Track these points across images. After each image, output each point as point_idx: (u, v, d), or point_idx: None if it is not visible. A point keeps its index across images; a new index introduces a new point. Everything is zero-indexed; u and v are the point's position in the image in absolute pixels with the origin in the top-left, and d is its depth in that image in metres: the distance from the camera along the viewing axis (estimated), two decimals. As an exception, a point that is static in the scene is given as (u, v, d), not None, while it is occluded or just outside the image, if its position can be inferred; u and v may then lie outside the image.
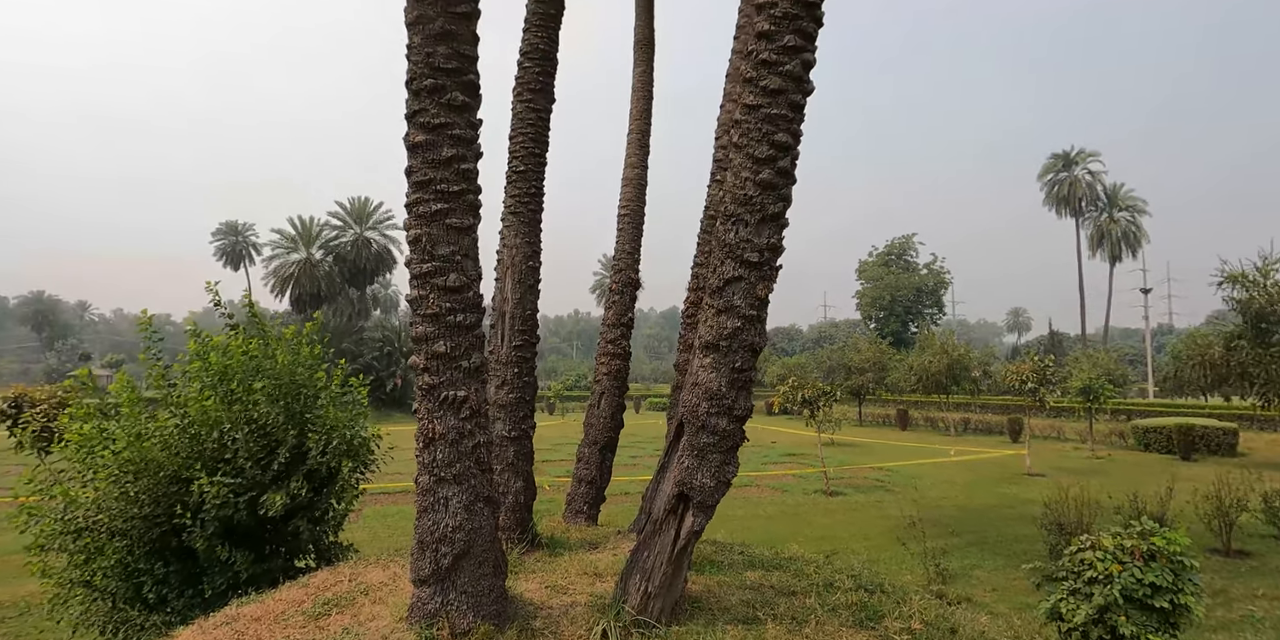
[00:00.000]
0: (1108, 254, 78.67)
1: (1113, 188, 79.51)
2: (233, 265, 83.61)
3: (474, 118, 5.46)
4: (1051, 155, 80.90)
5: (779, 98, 4.94)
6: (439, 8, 5.25)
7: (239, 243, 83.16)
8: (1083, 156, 79.73)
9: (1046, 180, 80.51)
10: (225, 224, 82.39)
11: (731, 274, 5.05)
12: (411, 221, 5.37)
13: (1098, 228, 79.18)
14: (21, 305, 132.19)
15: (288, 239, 59.67)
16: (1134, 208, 79.47)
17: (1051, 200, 79.88)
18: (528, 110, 7.85)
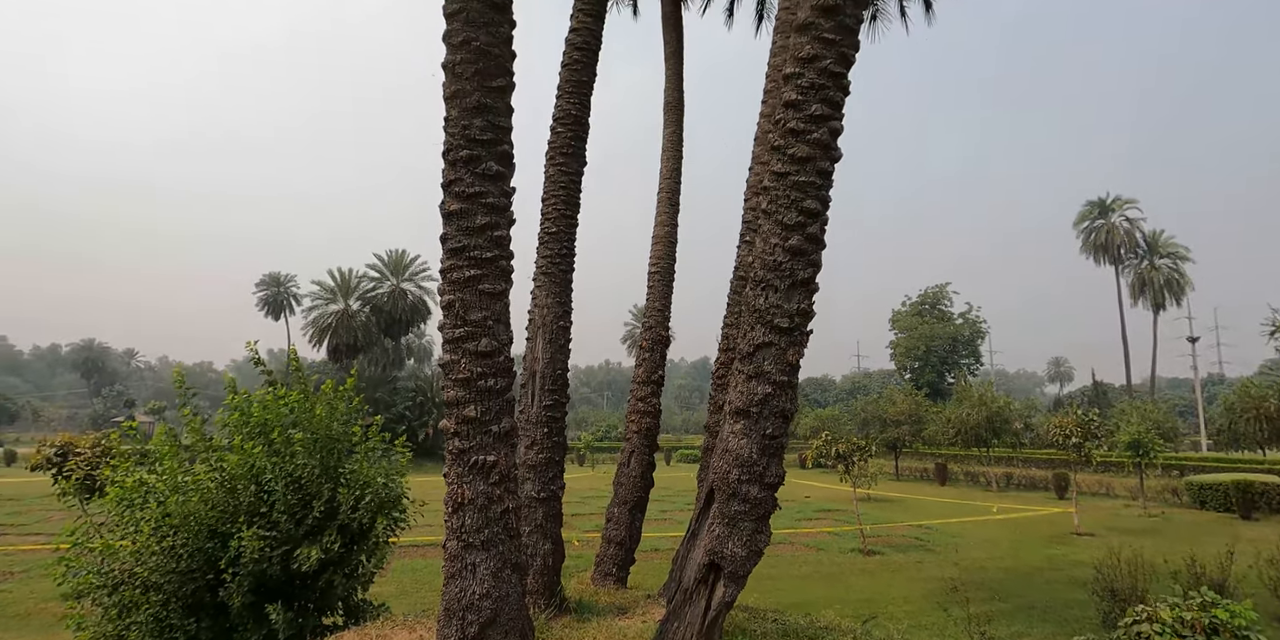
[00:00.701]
0: (1150, 302, 76.87)
1: (1152, 235, 78.23)
2: (274, 315, 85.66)
3: (507, 186, 5.61)
4: (1087, 202, 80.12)
5: (807, 165, 5.00)
6: (475, 83, 5.46)
7: (280, 293, 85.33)
8: (1119, 204, 78.82)
9: (1083, 227, 79.55)
10: (268, 275, 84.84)
11: (762, 339, 5.03)
12: (446, 287, 5.48)
13: (1138, 276, 77.66)
14: (73, 352, 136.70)
15: (327, 290, 61.14)
16: (1175, 254, 77.92)
17: (1089, 248, 78.73)
18: (560, 173, 8.04)
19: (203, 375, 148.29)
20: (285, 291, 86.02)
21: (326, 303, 61.14)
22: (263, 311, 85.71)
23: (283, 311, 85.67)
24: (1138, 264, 78.02)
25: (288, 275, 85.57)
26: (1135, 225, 78.08)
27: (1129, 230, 77.69)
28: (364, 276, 61.79)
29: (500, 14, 5.65)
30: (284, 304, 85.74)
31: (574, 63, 8.30)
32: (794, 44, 5.12)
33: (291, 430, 7.68)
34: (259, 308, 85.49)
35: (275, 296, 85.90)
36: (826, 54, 4.98)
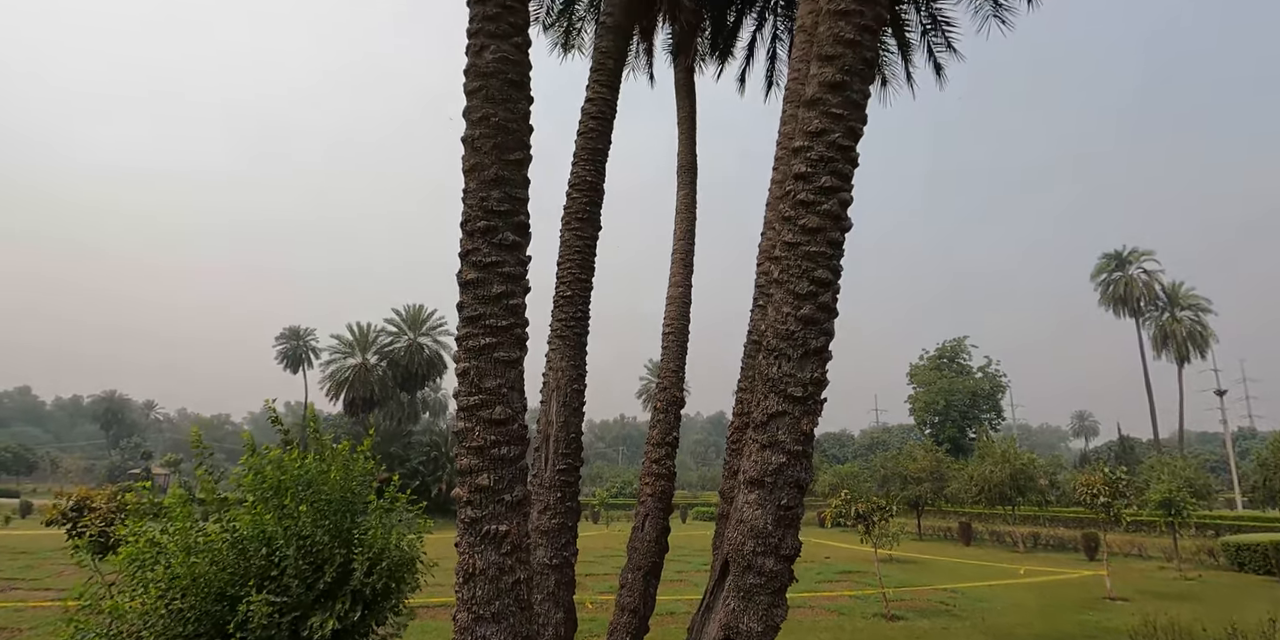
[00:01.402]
0: (1174, 355, 75.77)
1: (1171, 287, 77.63)
2: (292, 368, 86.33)
3: (523, 255, 5.72)
4: (1103, 255, 79.92)
5: (817, 236, 5.08)
6: (494, 156, 5.64)
7: (300, 346, 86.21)
8: (1136, 256, 78.58)
9: (1100, 280, 79.17)
10: (288, 329, 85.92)
11: (775, 409, 5.01)
12: (461, 354, 5.54)
13: (1160, 328, 76.77)
14: (94, 404, 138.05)
15: (345, 344, 61.76)
16: (1197, 306, 77.11)
17: (1108, 301, 78.16)
18: (575, 238, 8.20)
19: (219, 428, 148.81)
20: (304, 345, 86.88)
21: (344, 357, 61.67)
22: (282, 364, 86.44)
23: (301, 365, 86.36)
24: (1158, 316, 77.25)
25: (307, 329, 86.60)
26: (1154, 277, 77.67)
27: (1148, 282, 77.24)
28: (382, 331, 62.46)
29: (519, 91, 5.87)
30: (303, 357, 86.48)
31: (590, 131, 8.57)
32: (802, 118, 5.26)
33: (306, 492, 7.66)
34: (278, 361, 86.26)
35: (294, 350, 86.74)
36: (835, 128, 5.12)
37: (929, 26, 13.31)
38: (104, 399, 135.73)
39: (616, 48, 9.12)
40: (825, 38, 5.29)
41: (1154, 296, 77.05)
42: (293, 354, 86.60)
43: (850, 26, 5.23)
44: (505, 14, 5.90)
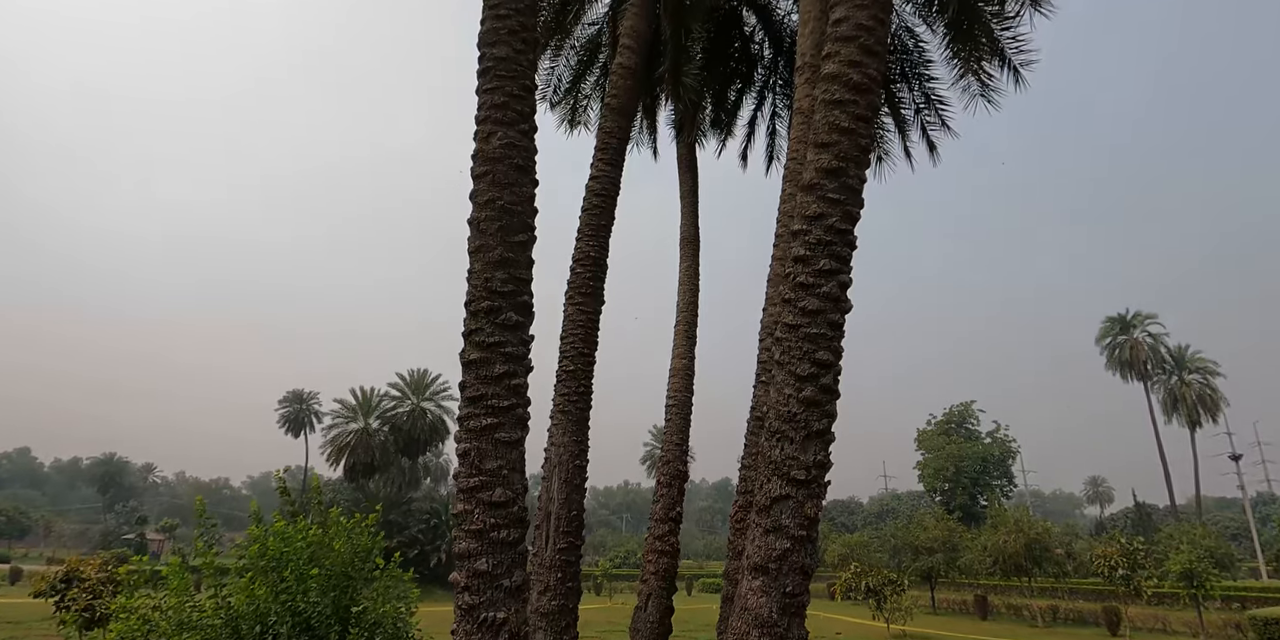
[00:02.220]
0: (1185, 419, 74.73)
1: (1177, 350, 77.25)
2: (294, 432, 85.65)
3: (525, 334, 5.77)
4: (1106, 319, 79.88)
5: (818, 318, 5.12)
6: (499, 238, 5.76)
7: (302, 410, 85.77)
8: (1139, 319, 78.52)
9: (1105, 344, 78.89)
10: (291, 392, 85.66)
11: (779, 492, 4.95)
12: (462, 435, 5.52)
13: (1169, 392, 75.99)
14: (93, 466, 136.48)
15: (348, 408, 61.39)
16: (1205, 369, 76.45)
17: (1114, 365, 77.65)
18: (578, 312, 8.27)
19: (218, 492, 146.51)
20: (307, 408, 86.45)
21: (347, 421, 61.21)
22: (283, 428, 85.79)
23: (303, 429, 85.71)
24: (1166, 380, 76.60)
25: (310, 392, 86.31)
26: (1159, 340, 77.42)
27: (1153, 346, 76.94)
28: (385, 395, 62.18)
29: (524, 175, 6.05)
30: (305, 421, 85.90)
31: (594, 208, 8.77)
32: (801, 202, 5.39)
33: (308, 568, 7.50)
34: (280, 425, 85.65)
35: (297, 413, 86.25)
36: (832, 213, 5.24)
37: (922, 105, 13.77)
38: (103, 462, 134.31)
39: (620, 128, 9.44)
40: (821, 125, 5.47)
41: (1161, 360, 76.62)
42: (295, 417, 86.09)
43: (845, 115, 5.42)
44: (512, 102, 6.14)
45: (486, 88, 6.20)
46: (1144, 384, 77.32)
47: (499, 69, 6.20)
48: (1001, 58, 12.77)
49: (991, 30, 12.69)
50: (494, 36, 6.31)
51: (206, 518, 8.39)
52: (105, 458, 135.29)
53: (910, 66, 13.76)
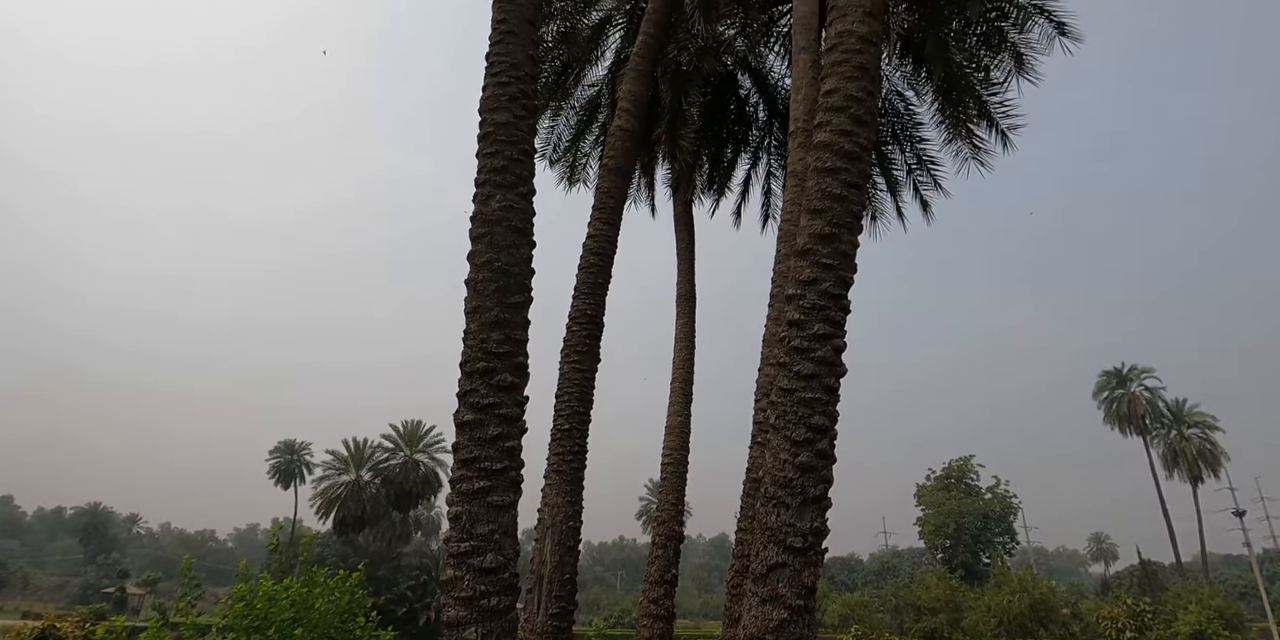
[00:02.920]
0: (1186, 474, 73.83)
1: (1175, 404, 76.85)
2: (284, 484, 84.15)
3: (520, 396, 5.75)
4: (1103, 372, 79.70)
5: (813, 382, 5.12)
6: (495, 299, 5.80)
7: (293, 461, 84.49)
8: (1136, 373, 78.35)
9: (1103, 398, 78.58)
10: (283, 443, 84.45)
11: (775, 560, 4.85)
12: (454, 497, 5.44)
13: (1169, 447, 75.31)
14: (76, 516, 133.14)
15: (340, 460, 60.47)
16: (1203, 424, 75.89)
17: (1112, 419, 77.09)
18: (574, 371, 8.26)
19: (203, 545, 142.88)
20: (298, 459, 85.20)
21: (338, 473, 60.27)
22: (273, 479, 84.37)
23: (294, 480, 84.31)
24: (1165, 434, 76.02)
25: (302, 443, 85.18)
26: (1156, 394, 77.13)
27: (1150, 400, 76.63)
28: (378, 447, 61.38)
29: (522, 237, 6.13)
30: (295, 472, 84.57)
31: (590, 266, 8.85)
32: (795, 267, 5.46)
33: (291, 627, 7.32)
34: (270, 475, 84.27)
35: (288, 464, 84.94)
36: (825, 277, 5.30)
37: (914, 166, 14.10)
38: (86, 511, 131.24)
39: (617, 188, 9.62)
40: (814, 192, 5.59)
41: (1159, 414, 76.22)
42: (285, 468, 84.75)
43: (837, 182, 5.54)
44: (512, 166, 6.28)
45: (487, 152, 6.34)
46: (1143, 439, 76.71)
47: (499, 134, 6.36)
48: (990, 121, 13.14)
49: (979, 95, 13.09)
50: (495, 103, 6.48)
51: (192, 577, 8.23)
52: (90, 507, 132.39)
53: (901, 128, 14.14)
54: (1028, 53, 12.71)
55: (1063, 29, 12.38)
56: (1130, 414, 75.79)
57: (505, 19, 6.73)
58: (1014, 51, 12.75)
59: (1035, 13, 12.49)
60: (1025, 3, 12.53)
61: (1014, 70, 12.84)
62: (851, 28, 5.96)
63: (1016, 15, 12.69)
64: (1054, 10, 12.37)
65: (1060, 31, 12.40)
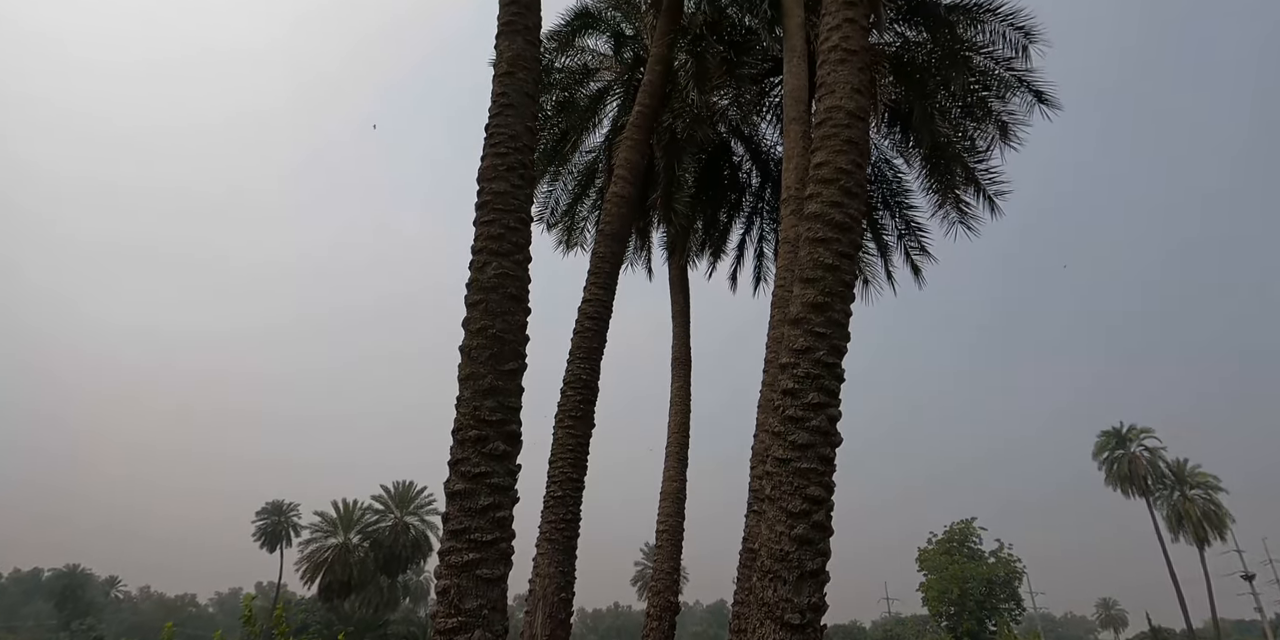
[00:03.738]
0: (1192, 537, 72.38)
1: (1176, 464, 76.02)
2: (269, 546, 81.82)
3: (512, 465, 5.68)
4: (1101, 433, 78.97)
5: (808, 452, 5.08)
6: (489, 366, 5.79)
7: (280, 523, 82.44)
8: (1135, 433, 77.69)
9: (1103, 459, 77.75)
10: (271, 503, 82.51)
11: (772, 638, 4.71)
12: (443, 570, 5.30)
13: (1173, 508, 74.08)
14: (53, 579, 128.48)
15: (328, 522, 59.08)
16: (1207, 485, 74.88)
17: (1114, 480, 76.00)
18: (568, 436, 8.18)
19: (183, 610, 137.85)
20: (286, 520, 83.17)
21: (326, 536, 58.81)
22: (259, 542, 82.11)
23: (280, 543, 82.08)
24: (1169, 496, 74.91)
25: (290, 504, 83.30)
26: (1156, 454, 76.37)
27: (1151, 460, 75.81)
28: (368, 509, 60.13)
29: (517, 304, 6.17)
30: (282, 534, 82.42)
31: (585, 330, 8.88)
32: (788, 336, 5.49)
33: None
34: (255, 538, 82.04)
35: (274, 526, 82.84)
36: (819, 346, 5.32)
37: (904, 231, 14.37)
38: (64, 574, 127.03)
39: (613, 253, 9.75)
40: (806, 262, 5.67)
41: (1160, 475, 75.29)
42: (272, 530, 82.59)
43: (829, 252, 5.63)
44: (508, 235, 6.37)
45: (484, 220, 6.44)
46: (1147, 501, 75.54)
47: (496, 203, 6.48)
48: (977, 187, 13.46)
49: (965, 162, 13.45)
50: (493, 172, 6.63)
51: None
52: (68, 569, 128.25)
53: (890, 195, 14.47)
54: (1011, 121, 13.15)
55: (1041, 97, 12.85)
56: (1132, 475, 74.86)
57: (505, 93, 6.95)
58: (998, 120, 13.18)
59: (1016, 83, 12.98)
60: (1006, 74, 13.03)
61: (998, 138, 13.24)
62: (840, 103, 6.17)
63: (998, 86, 13.18)
64: (1033, 80, 12.86)
65: (1040, 100, 12.86)
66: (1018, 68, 12.79)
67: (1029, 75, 12.83)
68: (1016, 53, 12.56)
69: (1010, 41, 12.55)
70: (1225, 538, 72.09)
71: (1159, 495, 75.34)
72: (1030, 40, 12.38)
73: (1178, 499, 73.59)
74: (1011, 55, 12.68)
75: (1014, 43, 12.52)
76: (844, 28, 6.59)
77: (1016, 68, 12.81)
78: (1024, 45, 12.44)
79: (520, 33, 7.23)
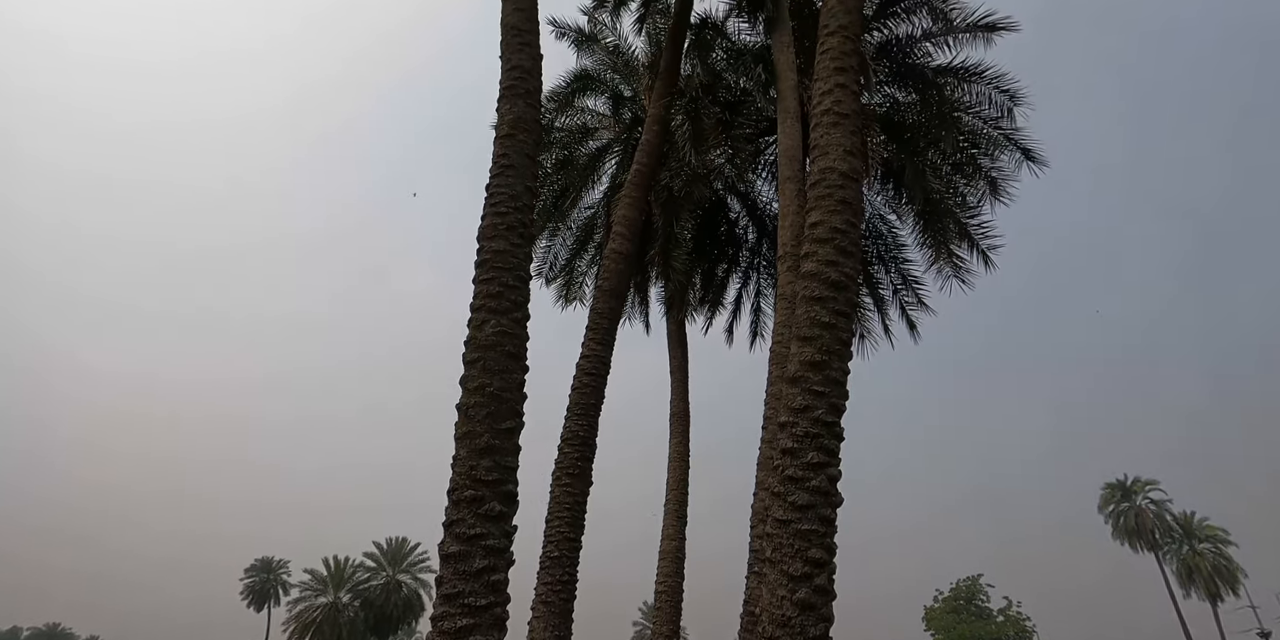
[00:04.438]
0: (1204, 592, 70.59)
1: (1184, 517, 74.69)
2: (257, 605, 79.48)
3: (509, 526, 5.59)
4: (1106, 485, 77.81)
5: (808, 513, 5.01)
6: (486, 425, 5.75)
7: (269, 581, 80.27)
8: (1139, 485, 76.63)
9: (1109, 512, 76.45)
10: (260, 560, 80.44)
11: (776, 710, 4.55)
12: (435, 637, 5.16)
13: (1183, 563, 72.48)
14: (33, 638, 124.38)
15: (319, 580, 57.55)
16: (1216, 538, 73.43)
17: (1121, 534, 74.54)
18: (565, 494, 8.07)
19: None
20: (275, 579, 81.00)
21: (316, 595, 57.25)
22: (246, 601, 79.79)
23: (268, 601, 79.74)
24: (1177, 550, 73.38)
25: (280, 561, 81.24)
26: (1162, 507, 75.14)
27: (1158, 513, 74.55)
28: (360, 566, 58.72)
29: (515, 362, 6.17)
30: (270, 593, 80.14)
31: (583, 386, 8.86)
32: (786, 394, 5.48)
33: None
34: (243, 596, 79.74)
35: (263, 584, 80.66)
36: (818, 405, 5.31)
37: (899, 286, 14.52)
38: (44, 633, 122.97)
39: (611, 309, 9.80)
40: (803, 320, 5.71)
41: (1168, 528, 73.91)
42: (260, 589, 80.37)
43: (825, 311, 5.67)
44: (507, 293, 6.42)
45: (483, 278, 6.50)
46: (1156, 555, 73.98)
47: (495, 261, 6.55)
48: (970, 242, 13.66)
49: (958, 217, 13.70)
50: (493, 231, 6.73)
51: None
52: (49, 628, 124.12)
53: (885, 250, 14.68)
54: (1000, 177, 13.45)
55: (1029, 154, 13.19)
56: (1139, 528, 73.51)
57: (506, 154, 7.11)
58: (987, 177, 13.48)
59: (1003, 141, 13.33)
60: (994, 132, 13.39)
61: (989, 194, 13.52)
62: (833, 165, 6.31)
63: (986, 144, 13.53)
64: (1020, 138, 13.21)
65: (1027, 157, 13.20)
66: (1005, 127, 13.17)
67: (1016, 133, 13.20)
68: (1003, 114, 12.95)
69: (996, 103, 12.96)
70: (1238, 593, 70.28)
71: (1168, 549, 73.81)
72: (1015, 102, 12.81)
73: (1187, 553, 72.08)
74: (999, 115, 13.06)
75: (1000, 104, 12.92)
76: (836, 92, 6.79)
77: (1004, 127, 13.19)
78: (1009, 107, 12.83)
79: (521, 97, 7.44)
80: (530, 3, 7.86)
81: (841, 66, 6.97)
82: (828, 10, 7.25)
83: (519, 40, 7.67)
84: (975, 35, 12.66)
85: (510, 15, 7.80)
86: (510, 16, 7.79)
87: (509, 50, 7.63)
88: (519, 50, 7.63)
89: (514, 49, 7.65)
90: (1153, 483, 77.22)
